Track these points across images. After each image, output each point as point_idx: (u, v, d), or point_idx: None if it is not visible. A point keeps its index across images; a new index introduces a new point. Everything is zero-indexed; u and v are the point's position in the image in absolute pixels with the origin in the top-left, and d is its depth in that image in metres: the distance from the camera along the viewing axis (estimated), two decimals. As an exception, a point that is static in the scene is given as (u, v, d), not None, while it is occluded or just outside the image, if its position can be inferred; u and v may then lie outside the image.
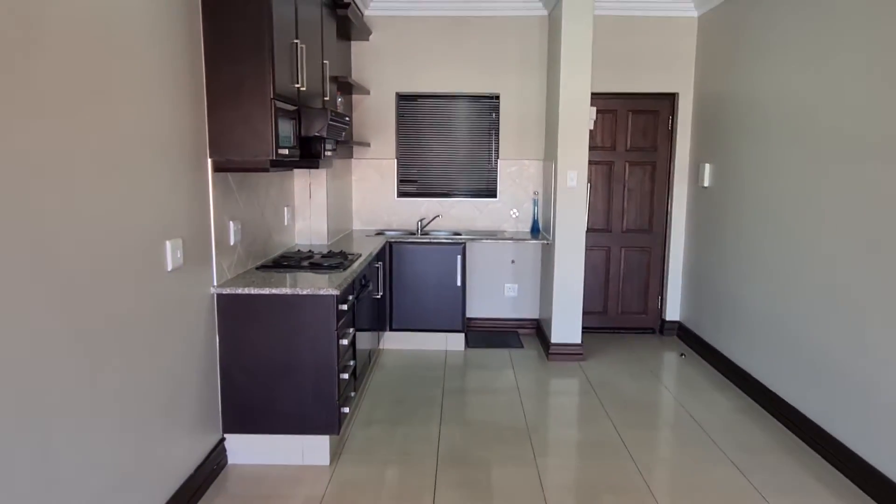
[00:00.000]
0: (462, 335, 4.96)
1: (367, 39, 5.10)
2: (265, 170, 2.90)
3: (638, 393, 4.12)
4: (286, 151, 2.98)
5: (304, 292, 2.91)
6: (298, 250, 3.96)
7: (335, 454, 3.18)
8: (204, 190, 2.81)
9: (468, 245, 5.23)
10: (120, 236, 2.13)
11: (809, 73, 3.42)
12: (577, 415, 3.80)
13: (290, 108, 3.07)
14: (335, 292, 2.92)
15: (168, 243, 2.47)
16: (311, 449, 3.07)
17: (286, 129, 2.99)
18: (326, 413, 3.00)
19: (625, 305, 5.47)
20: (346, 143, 4.49)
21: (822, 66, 3.31)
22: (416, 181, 5.36)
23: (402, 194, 5.34)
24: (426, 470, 3.06)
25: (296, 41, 3.16)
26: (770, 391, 3.77)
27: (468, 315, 5.36)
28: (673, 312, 5.39)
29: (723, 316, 4.48)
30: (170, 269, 2.49)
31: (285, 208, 4.06)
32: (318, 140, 3.46)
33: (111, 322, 2.09)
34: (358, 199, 5.35)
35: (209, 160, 2.85)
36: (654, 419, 3.71)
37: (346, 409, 3.16)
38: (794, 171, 3.55)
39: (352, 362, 3.37)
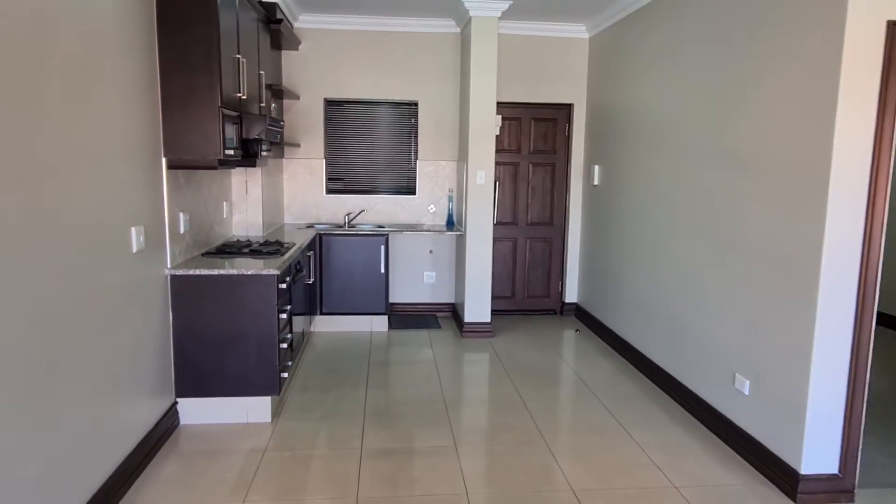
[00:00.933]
0: (386, 318, 5.52)
1: (297, 49, 5.57)
2: (213, 167, 3.37)
3: (537, 361, 4.81)
4: (231, 152, 3.46)
5: (249, 272, 3.40)
6: (238, 240, 4.41)
7: (276, 413, 3.68)
8: (159, 185, 3.25)
9: (391, 237, 5.79)
10: (95, 222, 2.57)
11: (666, 92, 4.20)
12: (484, 378, 4.46)
13: (234, 114, 3.54)
14: (276, 272, 3.43)
15: (133, 229, 2.91)
16: (255, 408, 3.55)
17: (231, 132, 3.47)
18: (268, 377, 3.50)
19: (530, 290, 6.19)
20: (279, 144, 4.96)
21: (674, 87, 4.09)
22: (343, 179, 5.88)
23: (330, 191, 5.85)
24: (355, 422, 3.61)
25: (238, 56, 3.63)
26: (642, 354, 4.54)
27: (391, 300, 5.93)
28: (571, 295, 6.16)
29: (609, 296, 5.26)
30: (134, 251, 2.93)
31: (224, 203, 4.49)
32: (256, 142, 3.94)
33: (92, 294, 2.53)
34: (289, 195, 5.81)
35: (163, 159, 3.29)
36: (548, 380, 4.41)
37: (285, 375, 3.66)
38: (658, 173, 4.34)
39: (289, 335, 3.87)
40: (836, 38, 2.62)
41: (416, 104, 5.83)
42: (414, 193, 5.93)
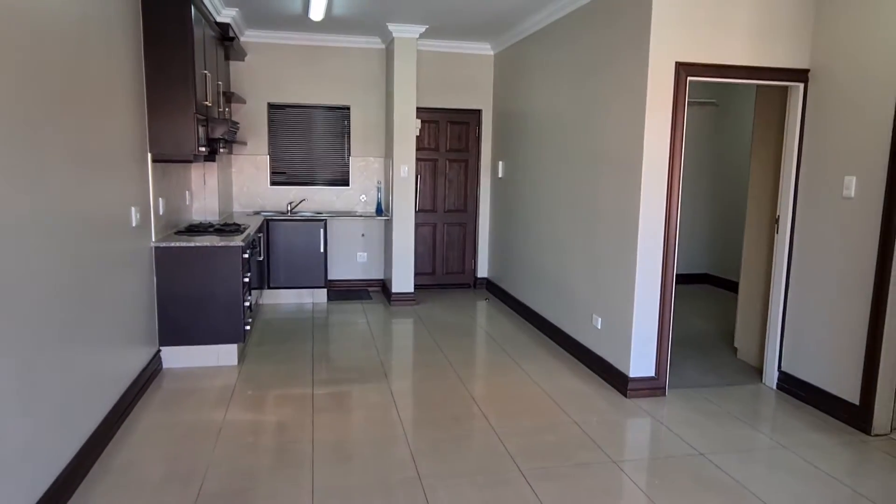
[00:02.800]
0: (325, 291, 6.46)
1: (243, 60, 6.41)
2: (189, 161, 4.24)
3: (452, 321, 5.89)
4: (203, 149, 4.33)
5: (220, 244, 4.29)
6: (200, 223, 5.25)
7: (241, 358, 4.58)
8: (146, 175, 4.09)
9: (329, 222, 6.71)
10: (110, 200, 3.42)
11: (551, 103, 5.35)
12: (409, 334, 5.49)
13: (203, 118, 4.41)
14: (241, 244, 4.33)
15: (132, 208, 3.76)
16: (224, 354, 4.44)
17: (201, 133, 4.34)
18: (235, 327, 4.40)
19: (448, 267, 7.27)
20: (232, 142, 5.80)
21: (556, 99, 5.24)
22: (285, 172, 6.76)
23: (273, 183, 6.72)
24: (306, 364, 4.56)
25: (205, 71, 4.50)
26: (535, 311, 5.69)
27: (329, 277, 6.85)
28: (483, 271, 7.28)
29: (512, 269, 6.40)
30: (133, 225, 3.78)
31: (187, 192, 5.31)
32: (217, 140, 4.81)
33: (108, 256, 3.38)
34: (237, 186, 6.64)
35: (149, 154, 4.13)
36: (461, 334, 5.49)
37: (248, 327, 4.56)
38: (545, 166, 5.48)
39: (249, 297, 4.77)
40: (644, 73, 3.80)
41: (348, 108, 6.78)
42: (347, 185, 6.89)
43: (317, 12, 5.28)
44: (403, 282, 6.41)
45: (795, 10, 3.87)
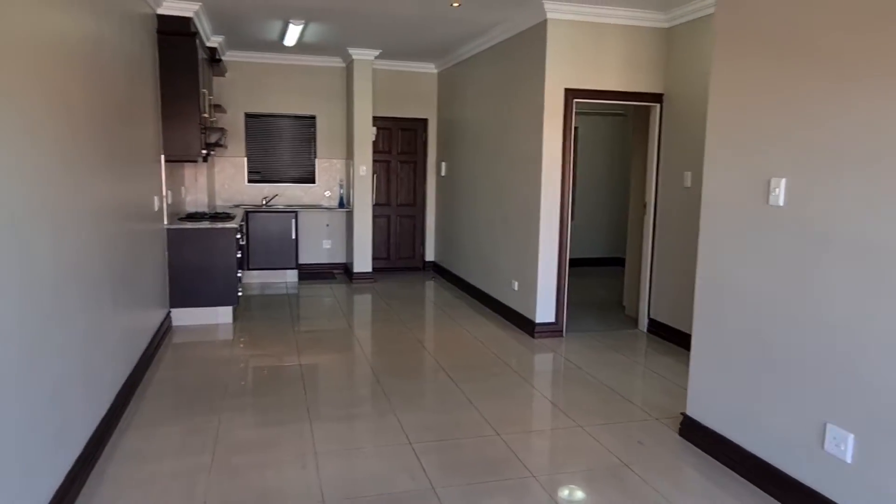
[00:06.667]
0: (296, 272, 7.64)
1: (224, 76, 7.54)
2: (195, 161, 5.39)
3: (405, 295, 7.16)
4: (205, 152, 5.49)
5: (219, 226, 5.45)
6: (195, 212, 6.37)
7: (235, 318, 5.74)
8: (160, 172, 5.22)
9: (299, 214, 7.87)
10: (143, 191, 4.56)
11: (481, 113, 6.68)
12: (368, 303, 6.74)
13: (202, 127, 5.56)
14: (236, 226, 5.50)
15: (155, 197, 4.90)
16: (222, 314, 5.59)
17: (203, 139, 5.49)
18: (231, 292, 5.56)
19: (401, 253, 8.53)
20: (218, 146, 6.93)
21: (484, 110, 6.57)
22: (260, 172, 7.91)
23: (251, 181, 7.86)
24: (288, 322, 5.76)
25: (203, 90, 5.66)
26: (471, 284, 7.00)
27: (300, 261, 8.01)
28: (430, 255, 8.57)
29: (454, 251, 7.70)
30: (155, 210, 4.92)
31: (182, 187, 6.43)
32: (210, 145, 5.96)
33: (139, 234, 4.52)
34: (219, 183, 7.75)
35: (162, 155, 5.26)
36: (412, 303, 6.76)
37: (240, 293, 5.72)
38: (477, 165, 6.81)
39: (240, 271, 5.93)
40: (542, 95, 5.15)
41: (314, 117, 7.98)
42: (314, 182, 8.08)
43: (290, 41, 6.48)
44: (363, 264, 7.64)
45: (653, 50, 5.29)
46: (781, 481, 2.76)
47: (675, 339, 5.17)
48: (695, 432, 3.32)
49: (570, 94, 5.16)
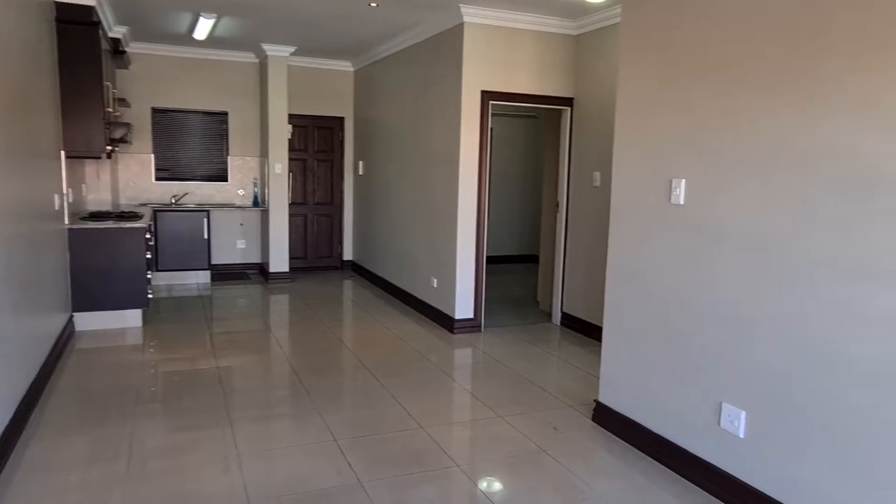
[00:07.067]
0: (209, 273, 7.40)
1: (128, 68, 7.19)
2: (98, 157, 5.13)
3: (322, 293, 7.10)
4: (109, 148, 5.23)
5: (128, 226, 5.21)
6: (99, 211, 6.05)
7: (146, 321, 5.50)
8: (60, 169, 4.93)
9: (211, 213, 7.63)
10: (40, 187, 4.31)
11: (399, 113, 6.73)
12: (286, 302, 6.64)
13: (106, 121, 5.30)
14: (144, 225, 5.28)
15: (55, 195, 4.63)
16: (131, 317, 5.35)
17: (106, 134, 5.23)
18: (140, 294, 5.33)
19: (318, 252, 8.44)
20: (122, 141, 6.61)
21: (402, 110, 6.63)
22: (169, 169, 7.60)
23: (158, 178, 7.54)
24: (201, 324, 5.59)
25: (107, 83, 5.39)
26: (390, 282, 7.04)
27: (213, 261, 7.77)
28: (348, 254, 8.53)
29: (373, 250, 7.71)
30: (56, 208, 4.65)
31: (83, 185, 6.09)
32: (115, 141, 5.69)
33: (33, 238, 4.27)
34: (123, 181, 7.39)
35: (62, 151, 4.97)
36: (329, 302, 6.72)
37: (150, 294, 5.50)
38: (396, 164, 6.85)
39: (149, 272, 5.69)
40: (459, 96, 5.27)
41: (226, 114, 7.76)
42: (227, 180, 7.86)
43: (201, 34, 6.28)
44: (280, 263, 7.51)
45: (564, 56, 5.52)
46: (683, 458, 2.99)
47: (587, 331, 5.43)
48: (606, 417, 3.53)
49: (487, 95, 5.31)
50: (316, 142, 8.25)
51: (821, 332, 2.36)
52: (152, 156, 7.49)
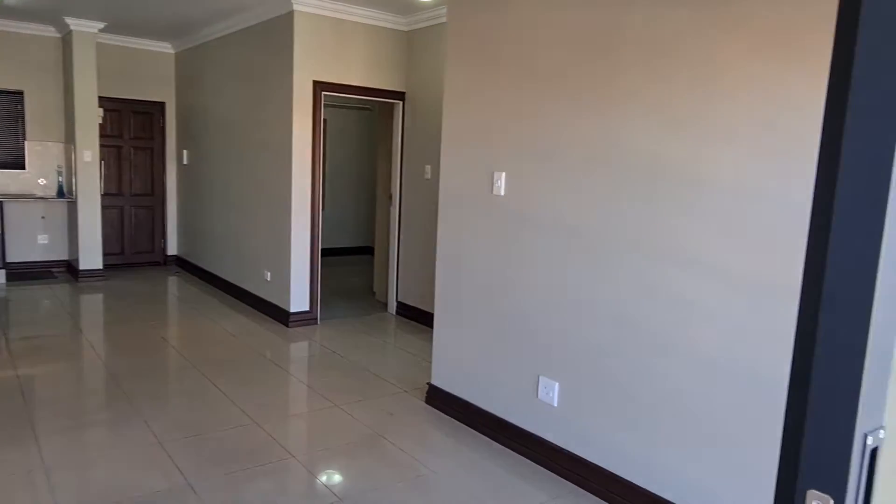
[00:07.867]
0: (3, 272, 6.54)
1: None
2: None
3: (145, 292, 6.59)
4: None
5: None
6: None
7: (-80, 330, 4.75)
8: None
9: (5, 204, 6.73)
10: None
11: (229, 100, 6.43)
12: (100, 302, 6.08)
13: None
14: (-82, 219, 4.55)
15: None
16: None
17: None
18: (-87, 300, 4.58)
19: (137, 247, 7.81)
20: None
21: (232, 97, 6.34)
22: (-53, 154, 6.58)
23: (-66, 165, 6.50)
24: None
25: None
26: (221, 278, 6.72)
27: (7, 259, 6.86)
28: (172, 249, 8.00)
29: (201, 244, 7.30)
30: None
31: None
32: None
33: None
34: None
35: None
36: (153, 300, 6.27)
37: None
38: (224, 153, 6.54)
39: (-76, 273, 4.91)
40: (290, 86, 5.18)
41: (21, 93, 6.88)
42: (24, 168, 6.98)
43: (-13, 0, 5.51)
44: (91, 260, 6.84)
45: (395, 51, 5.63)
46: (509, 430, 3.24)
47: (421, 319, 5.62)
48: (439, 399, 3.71)
49: (319, 86, 5.27)
50: (132, 128, 7.61)
51: (627, 309, 2.70)
52: (-75, 138, 6.44)
